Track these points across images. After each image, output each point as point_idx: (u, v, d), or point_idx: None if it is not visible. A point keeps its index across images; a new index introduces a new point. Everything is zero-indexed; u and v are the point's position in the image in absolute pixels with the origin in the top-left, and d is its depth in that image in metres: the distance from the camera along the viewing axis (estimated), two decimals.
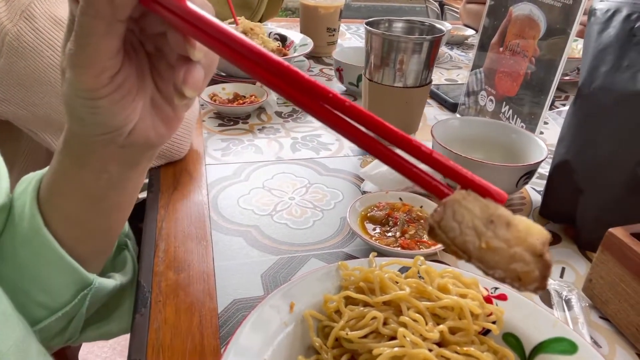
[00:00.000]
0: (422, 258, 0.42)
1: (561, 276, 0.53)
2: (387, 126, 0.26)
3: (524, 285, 0.23)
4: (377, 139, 0.27)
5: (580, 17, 0.66)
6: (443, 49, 1.35)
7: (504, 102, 0.80)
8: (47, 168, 0.40)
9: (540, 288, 0.23)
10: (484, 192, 0.25)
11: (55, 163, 0.38)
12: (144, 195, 0.77)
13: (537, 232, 0.23)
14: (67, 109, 0.33)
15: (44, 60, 0.54)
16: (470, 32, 1.45)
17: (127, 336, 0.45)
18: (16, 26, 0.51)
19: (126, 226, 0.53)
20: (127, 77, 0.32)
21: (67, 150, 0.36)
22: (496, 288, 0.42)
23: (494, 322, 0.38)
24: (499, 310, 0.39)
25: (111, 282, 0.45)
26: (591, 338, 0.45)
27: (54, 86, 0.55)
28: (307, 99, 0.26)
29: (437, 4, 3.06)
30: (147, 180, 0.66)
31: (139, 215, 0.57)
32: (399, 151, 0.27)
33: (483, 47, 0.84)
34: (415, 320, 0.35)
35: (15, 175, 0.68)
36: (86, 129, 0.34)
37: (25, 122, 0.59)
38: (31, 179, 0.41)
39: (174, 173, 0.67)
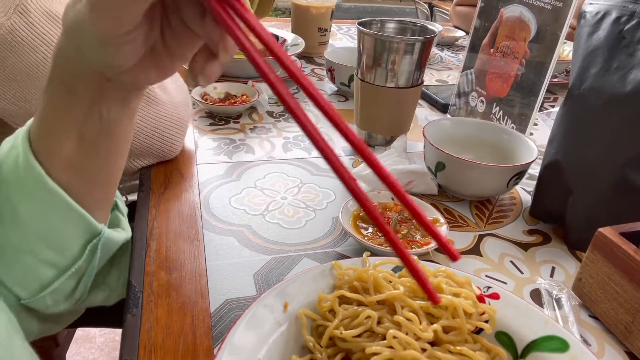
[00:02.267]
0: (415, 257, 0.42)
1: (551, 275, 0.54)
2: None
3: None
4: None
5: (570, 20, 0.67)
6: (434, 50, 1.36)
7: (495, 103, 0.81)
8: (31, 120, 0.39)
9: None
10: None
11: (45, 102, 0.37)
12: (134, 195, 0.76)
13: None
14: (69, 32, 0.32)
15: (37, 55, 0.53)
16: (460, 33, 1.46)
17: (115, 337, 0.44)
18: (10, 20, 0.51)
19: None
20: (141, 31, 0.31)
21: (55, 79, 0.36)
22: (489, 287, 0.42)
23: (486, 321, 0.38)
24: (492, 309, 0.39)
25: (118, 233, 0.44)
26: (581, 336, 0.45)
27: None
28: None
29: (426, 6, 3.08)
30: (137, 182, 0.66)
31: (130, 215, 0.56)
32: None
33: (474, 48, 0.85)
34: (409, 320, 0.35)
35: None
36: (80, 55, 0.33)
37: (16, 119, 0.58)
38: (15, 136, 0.40)
39: (164, 172, 0.67)
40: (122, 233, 0.46)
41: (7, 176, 0.38)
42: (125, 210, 0.51)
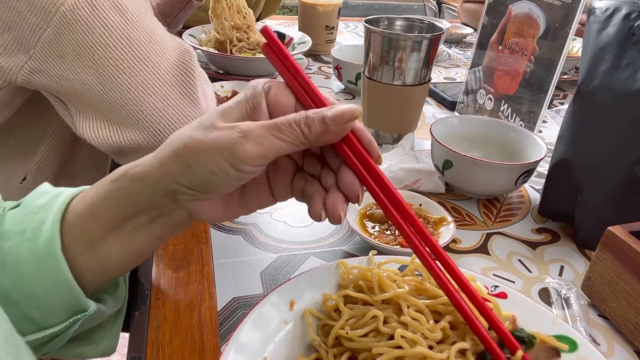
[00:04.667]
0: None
1: (560, 274, 0.53)
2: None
3: None
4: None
5: (579, 16, 0.66)
6: (441, 47, 1.36)
7: (503, 101, 0.80)
8: (77, 189, 0.39)
9: None
10: None
11: (104, 193, 0.37)
12: None
13: None
14: (195, 150, 0.32)
15: (93, 37, 0.52)
16: (468, 30, 1.45)
17: (124, 333, 0.44)
18: None
19: None
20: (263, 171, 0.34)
21: (123, 183, 0.36)
22: (496, 286, 0.42)
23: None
24: (495, 301, 0.38)
25: (105, 309, 0.44)
26: (589, 336, 0.45)
27: (96, 63, 0.54)
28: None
29: (434, 3, 3.06)
30: None
31: None
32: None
33: (482, 45, 0.84)
34: (416, 320, 0.35)
35: (37, 158, 0.65)
36: (173, 171, 0.33)
37: (54, 92, 0.58)
38: (54, 195, 0.39)
39: None
40: (109, 308, 0.45)
41: (27, 231, 0.38)
42: (126, 275, 0.50)
